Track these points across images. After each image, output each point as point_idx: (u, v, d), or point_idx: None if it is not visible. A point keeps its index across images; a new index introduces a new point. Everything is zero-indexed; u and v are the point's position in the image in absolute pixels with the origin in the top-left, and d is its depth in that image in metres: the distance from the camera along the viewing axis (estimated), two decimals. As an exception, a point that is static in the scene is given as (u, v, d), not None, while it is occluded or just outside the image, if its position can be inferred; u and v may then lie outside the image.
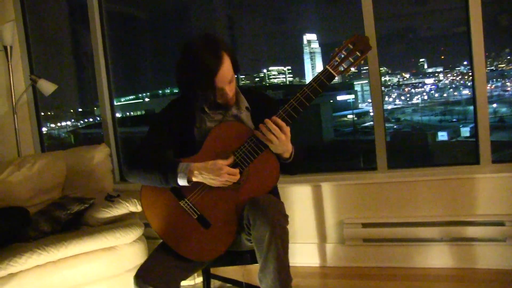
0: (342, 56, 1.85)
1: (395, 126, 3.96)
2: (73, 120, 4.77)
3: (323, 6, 3.79)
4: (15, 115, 3.56)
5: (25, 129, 3.91)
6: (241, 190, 1.89)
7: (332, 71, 1.84)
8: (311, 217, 3.21)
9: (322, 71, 1.85)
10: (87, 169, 3.24)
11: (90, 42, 3.74)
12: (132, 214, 2.92)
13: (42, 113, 4.10)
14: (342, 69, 1.85)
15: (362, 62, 1.88)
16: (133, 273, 1.89)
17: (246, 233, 1.86)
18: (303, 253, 3.22)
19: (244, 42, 4.11)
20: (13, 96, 3.58)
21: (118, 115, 3.95)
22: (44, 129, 4.16)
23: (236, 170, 1.84)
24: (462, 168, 2.99)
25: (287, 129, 1.84)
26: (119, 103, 4.13)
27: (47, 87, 3.49)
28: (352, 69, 1.86)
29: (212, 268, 2.29)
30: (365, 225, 3.05)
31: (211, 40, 1.87)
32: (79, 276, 2.58)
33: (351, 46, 1.84)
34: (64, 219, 2.76)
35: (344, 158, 3.89)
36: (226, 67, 1.87)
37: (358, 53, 1.84)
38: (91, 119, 4.72)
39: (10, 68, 3.55)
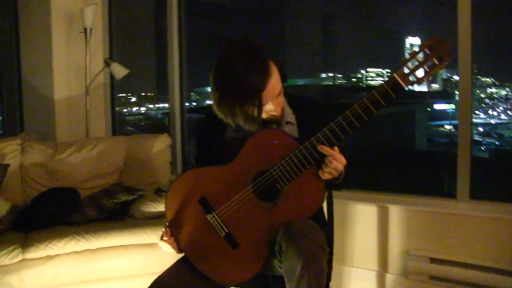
0: (416, 63, 1.48)
1: (497, 143, 3.57)
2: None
3: (429, 8, 3.45)
4: (87, 97, 3.61)
5: (99, 111, 3.97)
6: (277, 212, 1.64)
7: (401, 81, 1.48)
8: (373, 241, 2.91)
9: (388, 80, 1.50)
10: (145, 158, 3.20)
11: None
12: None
13: (143, 94, 4.15)
14: (414, 79, 1.48)
15: (440, 71, 1.51)
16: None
17: (278, 260, 1.62)
18: (360, 279, 2.93)
19: (339, 40, 3.91)
20: (87, 78, 3.62)
21: (209, 102, 3.90)
22: (143, 109, 4.21)
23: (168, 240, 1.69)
24: None
25: (342, 160, 1.57)
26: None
27: (119, 70, 3.53)
28: (427, 78, 1.49)
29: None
30: (433, 260, 2.68)
31: (254, 48, 1.59)
32: (115, 268, 2.55)
33: (428, 51, 1.47)
34: (110, 208, 2.73)
35: (432, 171, 3.53)
36: (275, 80, 1.60)
37: (435, 61, 1.47)
38: (186, 104, 4.83)
39: (88, 50, 3.60)
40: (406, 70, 1.49)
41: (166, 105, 4.83)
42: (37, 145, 3.11)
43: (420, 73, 1.49)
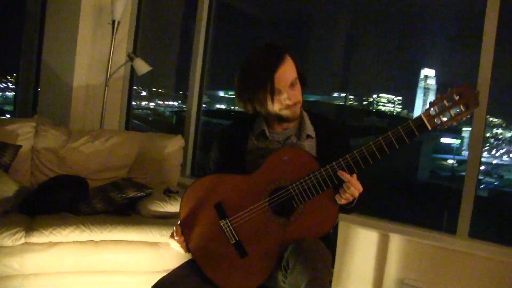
0: (443, 106, 1.52)
1: (496, 183, 3.56)
2: (180, 102, 4.90)
3: (450, 44, 3.48)
4: (106, 88, 3.64)
5: (115, 103, 4.00)
6: (289, 228, 1.67)
7: (427, 122, 1.52)
8: (369, 266, 2.92)
9: (415, 119, 1.54)
10: (157, 157, 3.20)
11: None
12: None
13: (154, 89, 4.18)
14: (439, 122, 1.52)
15: (464, 119, 1.54)
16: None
17: (282, 275, 1.64)
18: (352, 302, 2.94)
19: (359, 63, 3.93)
20: (109, 70, 3.65)
21: (223, 106, 3.91)
22: (151, 104, 4.25)
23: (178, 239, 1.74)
24: None
25: (359, 187, 1.62)
26: (226, 95, 4.12)
27: (142, 66, 3.54)
28: (451, 123, 1.53)
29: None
30: (427, 292, 2.69)
31: (272, 44, 1.77)
32: (117, 262, 2.56)
33: (456, 97, 1.51)
34: (118, 202, 2.74)
35: (432, 203, 3.55)
36: (289, 67, 1.72)
37: (462, 107, 1.51)
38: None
39: (113, 43, 3.62)
40: (433, 112, 1.52)
41: (176, 103, 4.92)
42: (51, 130, 3.11)
43: (445, 117, 1.52)
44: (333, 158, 1.64)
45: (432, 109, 1.53)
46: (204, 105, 4.34)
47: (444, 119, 1.53)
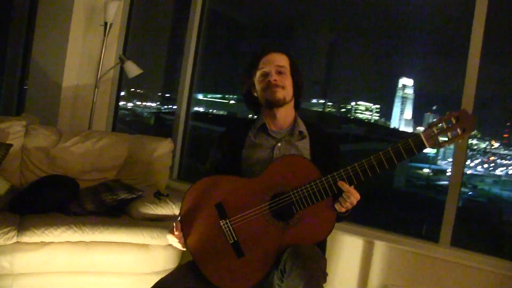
0: (441, 128, 1.63)
1: (470, 193, 3.64)
2: (158, 103, 4.93)
3: (430, 55, 3.59)
4: (96, 89, 3.64)
5: (103, 104, 4.00)
6: (287, 232, 1.75)
7: (425, 140, 1.63)
8: (354, 272, 2.98)
9: (414, 137, 1.65)
10: (146, 160, 3.22)
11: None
12: (175, 217, 2.86)
13: (132, 89, 4.19)
14: (436, 142, 1.63)
15: (460, 141, 1.65)
16: (160, 275, 1.82)
17: (278, 278, 1.71)
18: (337, 307, 3.00)
19: (339, 70, 4.02)
20: (100, 71, 3.65)
21: (201, 109, 3.94)
22: (129, 105, 4.25)
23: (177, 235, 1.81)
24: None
25: (358, 196, 1.73)
26: (205, 98, 4.15)
27: (132, 69, 3.55)
28: (448, 144, 1.65)
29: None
30: (409, 298, 2.77)
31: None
32: (107, 264, 2.56)
33: (454, 121, 1.62)
34: (109, 203, 2.75)
35: (409, 211, 3.64)
36: (279, 56, 1.95)
37: (459, 130, 1.61)
38: (175, 106, 4.87)
39: (105, 44, 3.64)
40: (432, 133, 1.63)
41: (154, 104, 4.95)
42: (42, 129, 3.10)
43: (443, 137, 1.63)
44: (325, 159, 1.81)
45: (431, 129, 1.63)
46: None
47: (442, 139, 1.63)
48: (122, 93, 4.75)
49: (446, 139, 1.63)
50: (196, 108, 4.45)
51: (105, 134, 3.29)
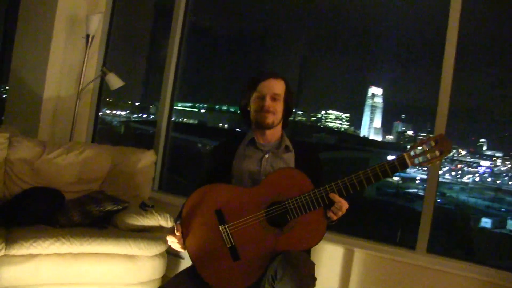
0: (421, 150, 1.83)
1: (438, 200, 3.75)
2: (128, 111, 4.94)
3: (399, 65, 3.72)
4: (78, 101, 3.65)
5: (84, 116, 4.00)
6: (281, 238, 1.88)
7: (408, 160, 1.82)
8: (335, 279, 3.07)
9: (398, 157, 1.84)
10: (129, 171, 3.25)
11: (166, 46, 3.83)
12: (160, 228, 2.90)
13: (102, 97, 4.21)
14: (417, 162, 1.83)
15: (438, 162, 1.86)
16: (147, 286, 1.88)
17: (269, 283, 1.81)
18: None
19: (310, 79, 4.12)
20: (81, 83, 3.67)
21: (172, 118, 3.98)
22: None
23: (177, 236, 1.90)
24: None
25: (347, 206, 1.89)
26: (175, 107, 4.20)
27: (115, 81, 3.58)
28: (427, 164, 1.84)
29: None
30: (387, 304, 2.88)
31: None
32: (94, 275, 2.58)
33: (433, 143, 1.82)
34: (95, 215, 2.78)
35: (383, 221, 3.74)
36: (277, 84, 2.10)
37: (437, 153, 1.81)
38: (145, 115, 4.90)
39: (87, 56, 3.65)
40: (413, 153, 1.84)
41: (123, 113, 4.96)
42: (26, 141, 3.07)
43: (423, 158, 1.83)
44: (308, 171, 1.94)
45: (412, 151, 1.84)
46: (152, 116, 4.40)
47: (421, 160, 1.83)
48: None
49: (425, 160, 1.82)
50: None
51: (88, 146, 3.30)
